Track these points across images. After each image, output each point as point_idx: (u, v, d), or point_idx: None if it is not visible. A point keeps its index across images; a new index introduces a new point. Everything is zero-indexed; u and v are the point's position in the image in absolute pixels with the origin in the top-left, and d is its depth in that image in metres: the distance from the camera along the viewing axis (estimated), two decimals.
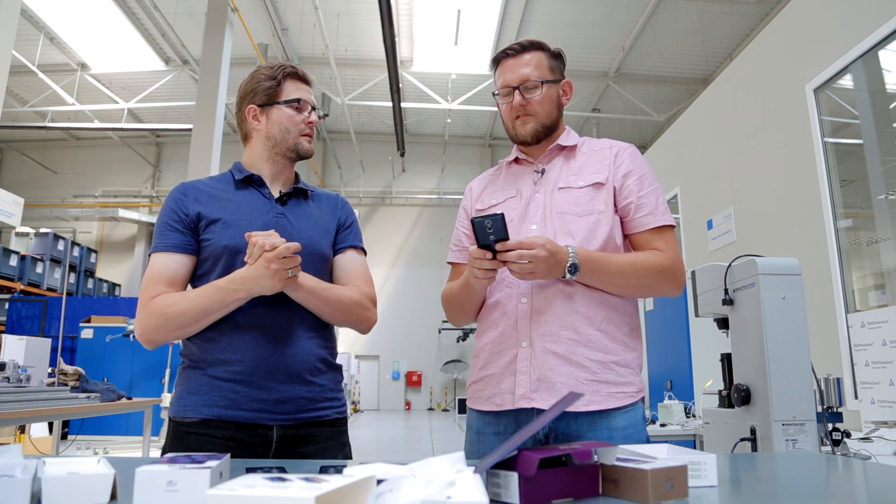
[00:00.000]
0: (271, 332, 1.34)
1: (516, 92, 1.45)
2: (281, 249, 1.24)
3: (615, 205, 1.43)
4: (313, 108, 1.51)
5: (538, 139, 1.48)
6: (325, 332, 1.44)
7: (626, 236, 1.44)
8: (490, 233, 1.21)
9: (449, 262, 1.59)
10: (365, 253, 1.57)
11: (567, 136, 1.52)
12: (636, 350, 1.39)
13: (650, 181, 1.45)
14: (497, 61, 1.51)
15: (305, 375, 1.36)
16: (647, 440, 1.36)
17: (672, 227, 1.43)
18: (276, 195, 1.47)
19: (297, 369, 1.35)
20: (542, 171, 1.49)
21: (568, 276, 1.27)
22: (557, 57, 1.51)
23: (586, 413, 1.31)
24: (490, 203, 1.53)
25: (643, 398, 1.39)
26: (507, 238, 1.21)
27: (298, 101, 1.48)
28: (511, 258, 1.22)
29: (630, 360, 1.37)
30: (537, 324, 1.34)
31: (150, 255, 1.40)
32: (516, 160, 1.55)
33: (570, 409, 1.28)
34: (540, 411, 1.31)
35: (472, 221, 1.21)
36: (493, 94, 1.53)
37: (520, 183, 1.50)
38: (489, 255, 1.23)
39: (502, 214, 1.20)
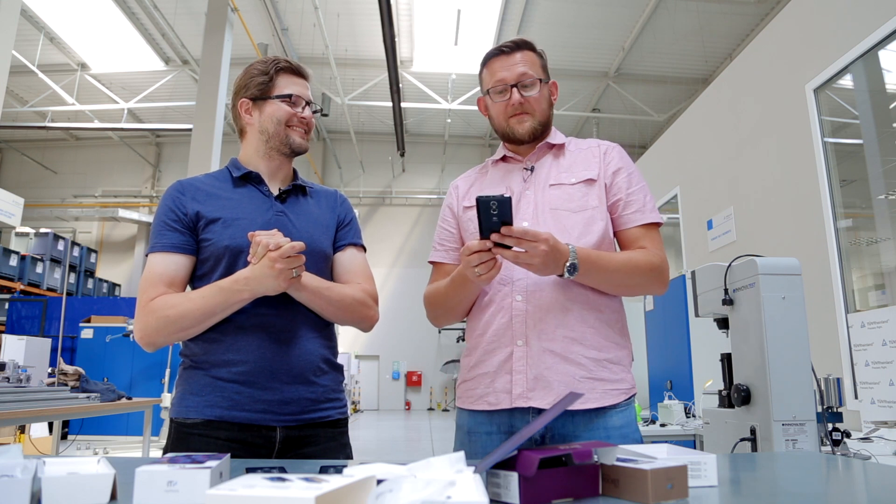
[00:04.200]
0: (275, 333, 1.33)
1: (514, 90, 1.43)
2: (286, 249, 1.22)
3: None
4: (308, 104, 1.48)
5: (535, 137, 1.47)
6: (326, 332, 1.44)
7: (613, 233, 1.44)
8: (494, 215, 1.14)
9: (431, 262, 1.55)
10: (364, 250, 1.56)
11: (555, 135, 1.52)
12: (626, 347, 1.40)
13: (638, 179, 1.46)
14: (487, 59, 1.49)
15: (309, 376, 1.36)
16: (641, 439, 1.37)
17: (659, 224, 1.44)
18: (275, 193, 1.46)
19: (300, 370, 1.34)
20: (532, 169, 1.48)
21: (566, 275, 1.25)
22: (543, 58, 1.52)
23: (583, 412, 1.30)
24: None
25: (635, 395, 1.39)
26: (510, 224, 1.15)
27: (290, 96, 1.46)
28: (510, 244, 1.17)
29: (622, 357, 1.37)
30: (533, 322, 1.32)
31: (147, 255, 1.37)
32: (504, 158, 1.53)
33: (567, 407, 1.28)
34: (537, 410, 1.30)
35: (478, 200, 1.14)
36: (487, 93, 1.49)
37: (509, 180, 1.48)
38: (488, 244, 1.17)
39: (510, 198, 1.14)
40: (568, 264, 1.24)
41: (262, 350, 1.32)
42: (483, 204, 1.14)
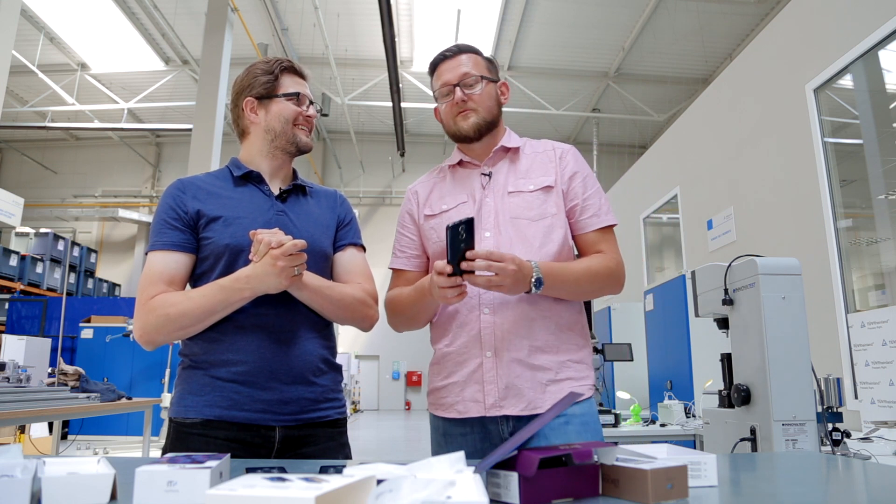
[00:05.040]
0: (275, 333, 1.33)
1: (457, 89, 1.48)
2: (288, 247, 1.23)
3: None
4: (311, 103, 1.51)
5: (480, 134, 1.49)
6: (326, 332, 1.44)
7: (572, 236, 1.49)
8: (462, 240, 1.18)
9: (392, 269, 1.57)
10: (364, 250, 1.56)
11: (509, 138, 1.54)
12: (586, 347, 1.46)
13: (593, 182, 1.50)
14: (434, 66, 1.55)
15: (308, 376, 1.36)
16: (600, 429, 1.43)
17: (614, 226, 1.49)
18: (276, 192, 1.46)
19: (300, 370, 1.34)
20: (490, 175, 1.50)
21: (534, 290, 1.29)
22: (491, 61, 1.56)
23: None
24: (441, 208, 1.51)
25: (595, 390, 1.48)
26: (472, 245, 1.19)
27: (297, 94, 1.47)
28: (479, 267, 1.19)
29: (584, 356, 1.44)
30: (501, 334, 1.37)
31: (146, 254, 1.37)
32: (460, 163, 1.55)
33: (535, 412, 1.35)
34: (508, 417, 1.36)
35: (448, 229, 1.18)
36: (435, 98, 1.54)
37: (468, 187, 1.51)
38: (453, 273, 1.20)
39: (472, 218, 1.19)
40: (534, 279, 1.29)
41: (262, 350, 1.32)
42: (453, 231, 1.17)
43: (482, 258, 1.19)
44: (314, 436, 1.36)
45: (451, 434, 1.43)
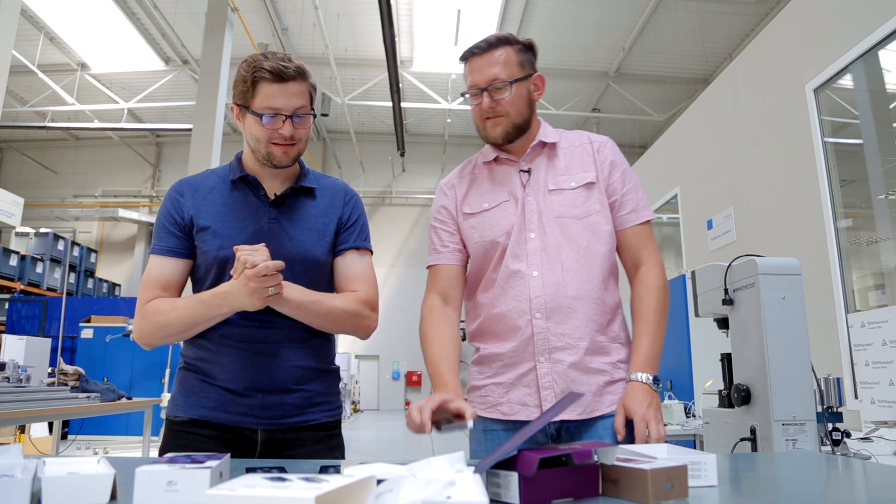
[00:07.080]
0: (256, 345, 1.34)
1: (485, 94, 1.39)
2: (259, 268, 1.19)
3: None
4: (290, 117, 1.33)
5: (510, 140, 1.44)
6: (316, 341, 1.41)
7: None
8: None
9: (430, 266, 1.52)
10: (370, 252, 1.50)
11: (545, 132, 1.48)
12: (628, 345, 1.44)
13: (631, 175, 1.47)
14: (465, 59, 1.43)
15: (289, 385, 1.36)
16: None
17: (651, 220, 1.48)
18: (278, 192, 1.42)
19: (281, 381, 1.35)
20: (529, 172, 1.44)
21: (657, 386, 1.35)
22: (528, 49, 1.44)
23: (610, 415, 1.35)
24: (482, 207, 1.46)
25: None
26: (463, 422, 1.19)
27: (264, 115, 1.32)
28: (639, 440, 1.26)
29: (629, 355, 1.43)
30: (556, 338, 1.35)
31: (150, 254, 1.42)
32: (496, 159, 1.48)
33: (592, 415, 1.34)
34: (566, 422, 1.35)
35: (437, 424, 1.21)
36: (462, 95, 1.46)
37: (507, 185, 1.45)
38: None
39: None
40: (651, 383, 1.34)
41: (243, 361, 1.34)
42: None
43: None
44: (300, 439, 1.37)
45: (493, 430, 1.40)
